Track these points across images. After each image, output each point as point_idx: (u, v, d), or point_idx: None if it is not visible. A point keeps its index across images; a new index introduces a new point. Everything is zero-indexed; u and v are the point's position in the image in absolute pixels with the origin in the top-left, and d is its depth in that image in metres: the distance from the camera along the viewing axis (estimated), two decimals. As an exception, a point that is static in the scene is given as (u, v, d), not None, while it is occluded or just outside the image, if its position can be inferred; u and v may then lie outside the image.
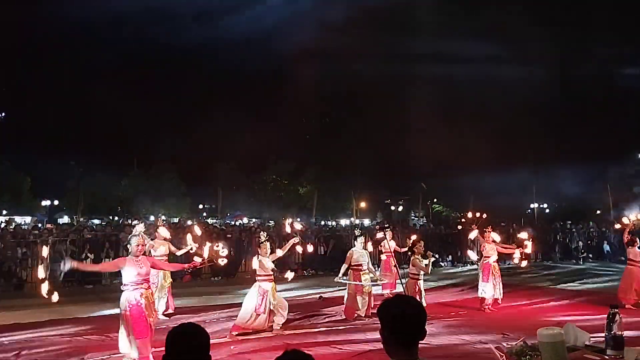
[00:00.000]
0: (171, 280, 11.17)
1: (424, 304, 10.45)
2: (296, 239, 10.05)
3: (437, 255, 11.04)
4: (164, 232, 11.20)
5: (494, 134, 38.43)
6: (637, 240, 11.47)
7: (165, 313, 10.65)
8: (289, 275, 10.24)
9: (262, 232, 10.75)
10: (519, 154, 37.90)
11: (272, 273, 9.28)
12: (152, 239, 10.93)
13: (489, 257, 11.44)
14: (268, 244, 9.64)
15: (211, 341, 2.71)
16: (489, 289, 11.08)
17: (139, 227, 9.40)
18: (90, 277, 15.15)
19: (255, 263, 9.33)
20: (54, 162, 40.45)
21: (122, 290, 7.02)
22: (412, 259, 9.44)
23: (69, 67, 43.51)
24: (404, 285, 9.17)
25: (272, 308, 9.01)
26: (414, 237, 12.23)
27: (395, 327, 2.47)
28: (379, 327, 2.55)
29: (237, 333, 8.77)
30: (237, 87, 48.74)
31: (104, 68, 45.57)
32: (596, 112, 39.41)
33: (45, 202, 45.72)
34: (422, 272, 10.21)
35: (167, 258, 11.03)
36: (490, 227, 12.13)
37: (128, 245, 7.30)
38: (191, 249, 10.82)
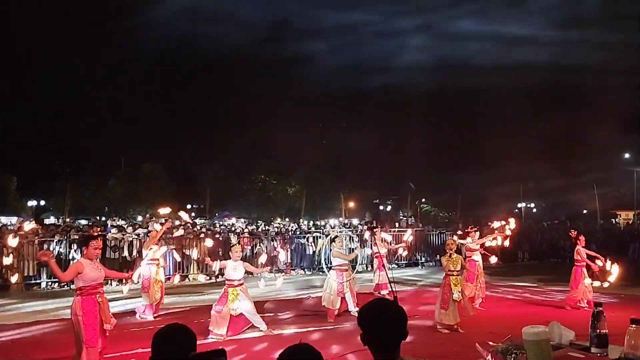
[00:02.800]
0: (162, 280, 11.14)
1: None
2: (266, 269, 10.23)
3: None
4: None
5: (482, 134, 38.64)
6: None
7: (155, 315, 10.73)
8: (279, 282, 10.28)
9: (232, 235, 10.65)
10: (507, 154, 38.08)
11: (239, 279, 9.04)
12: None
13: (473, 256, 11.56)
14: (239, 247, 9.59)
15: (198, 341, 2.70)
16: (468, 290, 11.17)
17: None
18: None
19: (215, 265, 9.31)
20: (40, 161, 40.19)
21: (75, 295, 6.51)
22: (453, 257, 9.42)
23: (57, 67, 43.21)
24: (393, 286, 9.14)
25: (235, 315, 8.84)
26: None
27: (376, 333, 2.45)
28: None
29: (211, 336, 8.75)
30: (224, 86, 48.68)
31: (92, 68, 45.33)
32: (584, 112, 39.72)
33: (32, 202, 45.32)
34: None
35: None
36: (473, 227, 12.20)
37: (84, 248, 6.78)
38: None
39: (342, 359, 7.42)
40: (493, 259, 12.14)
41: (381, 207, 54.21)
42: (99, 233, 13.77)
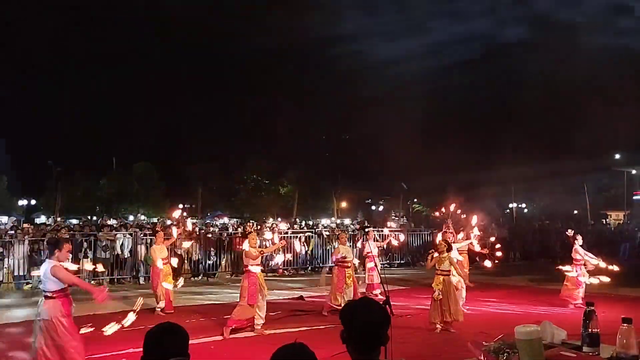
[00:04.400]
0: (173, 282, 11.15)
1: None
2: (282, 243, 10.09)
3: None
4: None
5: (474, 134, 38.78)
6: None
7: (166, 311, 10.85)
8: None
9: (249, 223, 10.67)
10: (498, 154, 38.21)
11: (260, 262, 9.23)
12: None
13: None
14: (255, 234, 9.59)
15: (190, 341, 2.68)
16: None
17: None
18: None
19: (246, 249, 9.18)
20: (31, 161, 39.98)
21: (51, 298, 6.28)
22: (441, 256, 9.40)
23: (46, 65, 43.01)
24: (385, 286, 9.15)
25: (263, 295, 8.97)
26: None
27: (357, 332, 2.42)
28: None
29: (233, 327, 8.77)
30: (218, 86, 48.51)
31: (84, 68, 45.10)
32: (575, 113, 39.88)
33: (22, 202, 45.09)
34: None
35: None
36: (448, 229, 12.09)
37: (57, 250, 6.46)
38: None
39: (335, 359, 7.42)
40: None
41: (373, 207, 54.25)
42: (68, 237, 13.78)
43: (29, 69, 41.89)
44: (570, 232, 12.21)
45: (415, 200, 51.25)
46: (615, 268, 11.13)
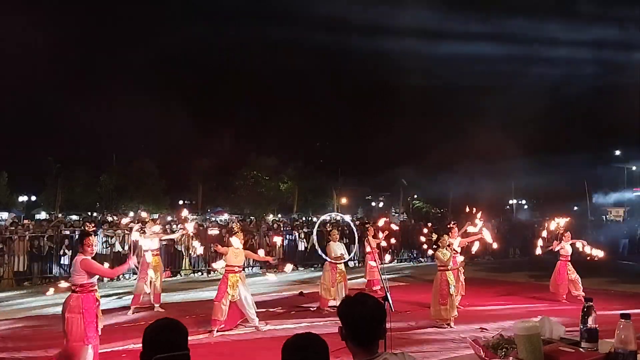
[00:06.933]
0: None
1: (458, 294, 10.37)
2: (274, 259, 10.10)
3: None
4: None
5: (473, 131, 38.70)
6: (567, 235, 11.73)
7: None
8: (288, 268, 10.28)
9: (234, 223, 10.67)
10: (499, 150, 38.16)
11: (239, 266, 9.08)
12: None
13: (456, 253, 11.41)
14: (241, 234, 9.55)
15: (190, 337, 2.68)
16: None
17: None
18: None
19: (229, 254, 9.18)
20: (31, 157, 39.93)
21: (74, 292, 6.37)
22: (445, 251, 9.42)
23: (44, 60, 42.91)
24: (385, 282, 9.16)
25: (235, 301, 8.83)
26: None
27: (355, 327, 2.44)
28: None
29: (216, 329, 8.71)
30: (217, 82, 48.47)
31: (84, 64, 45.07)
32: (576, 109, 39.90)
33: (23, 198, 45.06)
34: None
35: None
36: (455, 223, 12.06)
37: (80, 246, 6.71)
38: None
39: (334, 355, 7.43)
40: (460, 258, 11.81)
41: (373, 204, 54.26)
42: (93, 229, 13.69)
43: (25, 63, 41.75)
44: (560, 229, 12.09)
45: (415, 196, 51.29)
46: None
